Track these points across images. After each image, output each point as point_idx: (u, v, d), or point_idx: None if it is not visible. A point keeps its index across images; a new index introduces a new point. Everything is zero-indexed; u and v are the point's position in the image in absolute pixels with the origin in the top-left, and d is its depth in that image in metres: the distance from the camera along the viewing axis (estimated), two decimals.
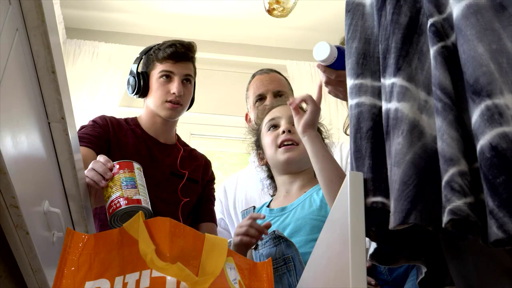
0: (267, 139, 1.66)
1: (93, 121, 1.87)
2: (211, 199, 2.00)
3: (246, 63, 3.87)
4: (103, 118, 1.90)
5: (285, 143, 1.61)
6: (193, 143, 3.21)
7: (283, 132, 1.62)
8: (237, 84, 3.77)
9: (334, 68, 1.35)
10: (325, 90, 1.48)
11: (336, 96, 1.43)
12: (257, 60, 3.87)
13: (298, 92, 2.32)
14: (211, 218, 1.95)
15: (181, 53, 1.90)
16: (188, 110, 2.02)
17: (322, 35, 3.94)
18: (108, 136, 1.83)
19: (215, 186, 2.08)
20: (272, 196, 1.74)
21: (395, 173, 0.79)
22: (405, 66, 0.86)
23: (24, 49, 0.89)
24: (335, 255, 0.83)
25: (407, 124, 0.81)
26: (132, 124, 1.94)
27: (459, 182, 0.72)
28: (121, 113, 3.51)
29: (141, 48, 3.58)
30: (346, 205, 0.79)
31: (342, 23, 1.02)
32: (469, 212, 0.71)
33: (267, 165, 1.72)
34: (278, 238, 1.45)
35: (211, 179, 2.03)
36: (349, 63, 0.96)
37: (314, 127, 1.38)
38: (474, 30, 0.77)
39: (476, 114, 0.73)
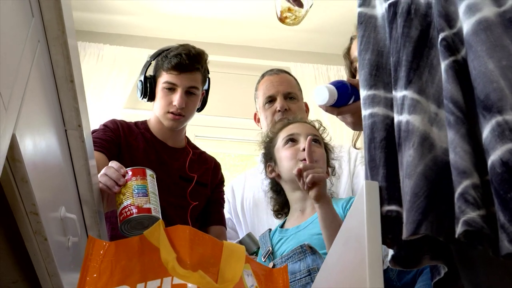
0: (284, 153, 1.67)
1: (104, 125, 1.88)
2: (221, 202, 2.01)
3: (250, 65, 3.89)
4: (114, 122, 1.91)
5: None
6: (198, 145, 3.23)
7: (303, 149, 1.64)
8: (241, 86, 3.79)
9: (337, 106, 1.41)
10: None
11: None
12: (260, 62, 3.88)
13: (304, 93, 2.32)
14: (221, 221, 1.96)
15: (185, 65, 1.86)
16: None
17: (326, 37, 3.97)
18: (119, 140, 1.84)
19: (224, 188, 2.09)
20: (276, 215, 1.76)
21: (406, 185, 0.81)
22: (416, 79, 0.87)
23: (44, 59, 0.91)
24: (350, 263, 0.85)
25: (418, 136, 0.82)
26: (142, 128, 1.95)
27: (472, 195, 0.73)
28: (126, 115, 3.52)
29: (146, 50, 3.65)
30: (362, 214, 0.80)
31: (346, 25, 1.04)
32: (483, 224, 0.72)
33: (275, 179, 1.72)
34: (304, 252, 1.47)
35: (221, 182, 2.04)
36: (361, 74, 0.98)
37: (326, 195, 1.47)
38: (484, 47, 0.78)
39: (487, 130, 0.74)
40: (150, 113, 2.03)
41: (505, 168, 0.70)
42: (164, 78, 1.89)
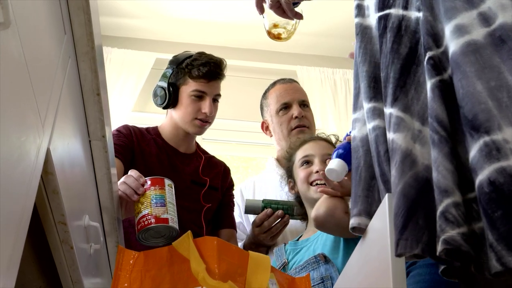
0: (300, 174, 1.74)
1: (117, 130, 1.90)
2: (231, 205, 2.04)
3: (256, 68, 3.90)
4: (127, 127, 1.93)
5: (318, 182, 1.68)
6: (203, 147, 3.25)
7: (317, 171, 1.68)
8: (247, 89, 3.80)
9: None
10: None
11: None
12: (267, 65, 3.90)
13: (310, 97, 2.34)
14: (231, 224, 1.99)
15: (215, 73, 1.92)
16: None
17: (332, 40, 3.99)
18: (132, 145, 1.87)
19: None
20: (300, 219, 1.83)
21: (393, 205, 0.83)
22: (402, 96, 0.89)
23: (73, 74, 0.94)
24: (373, 273, 0.87)
25: (400, 154, 0.84)
26: (153, 133, 1.97)
27: (453, 213, 0.75)
28: (134, 118, 3.54)
29: (154, 54, 3.66)
30: (385, 226, 0.83)
31: (352, 29, 1.06)
32: (462, 242, 0.73)
33: (297, 193, 1.79)
34: (318, 262, 1.51)
35: (230, 186, 2.07)
36: (362, 86, 1.00)
37: None
38: (473, 68, 0.79)
39: (474, 150, 0.75)
40: (159, 116, 2.04)
41: (493, 188, 0.71)
42: (192, 86, 1.92)
